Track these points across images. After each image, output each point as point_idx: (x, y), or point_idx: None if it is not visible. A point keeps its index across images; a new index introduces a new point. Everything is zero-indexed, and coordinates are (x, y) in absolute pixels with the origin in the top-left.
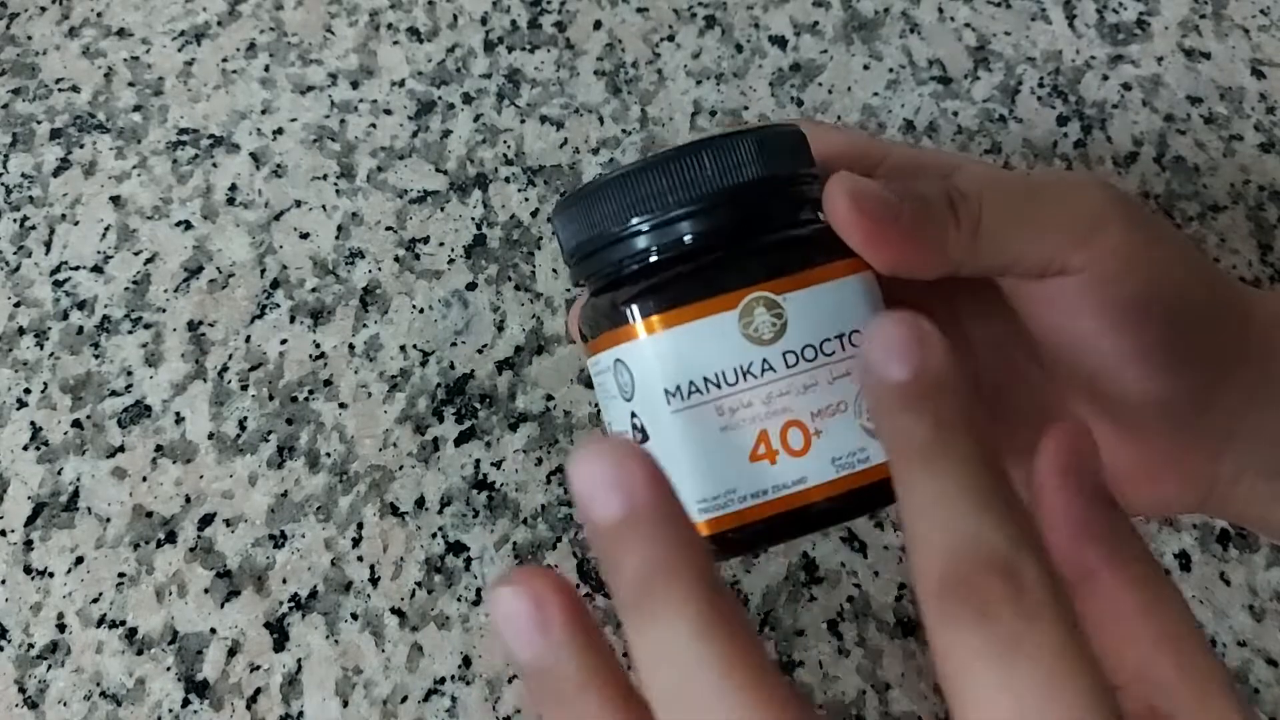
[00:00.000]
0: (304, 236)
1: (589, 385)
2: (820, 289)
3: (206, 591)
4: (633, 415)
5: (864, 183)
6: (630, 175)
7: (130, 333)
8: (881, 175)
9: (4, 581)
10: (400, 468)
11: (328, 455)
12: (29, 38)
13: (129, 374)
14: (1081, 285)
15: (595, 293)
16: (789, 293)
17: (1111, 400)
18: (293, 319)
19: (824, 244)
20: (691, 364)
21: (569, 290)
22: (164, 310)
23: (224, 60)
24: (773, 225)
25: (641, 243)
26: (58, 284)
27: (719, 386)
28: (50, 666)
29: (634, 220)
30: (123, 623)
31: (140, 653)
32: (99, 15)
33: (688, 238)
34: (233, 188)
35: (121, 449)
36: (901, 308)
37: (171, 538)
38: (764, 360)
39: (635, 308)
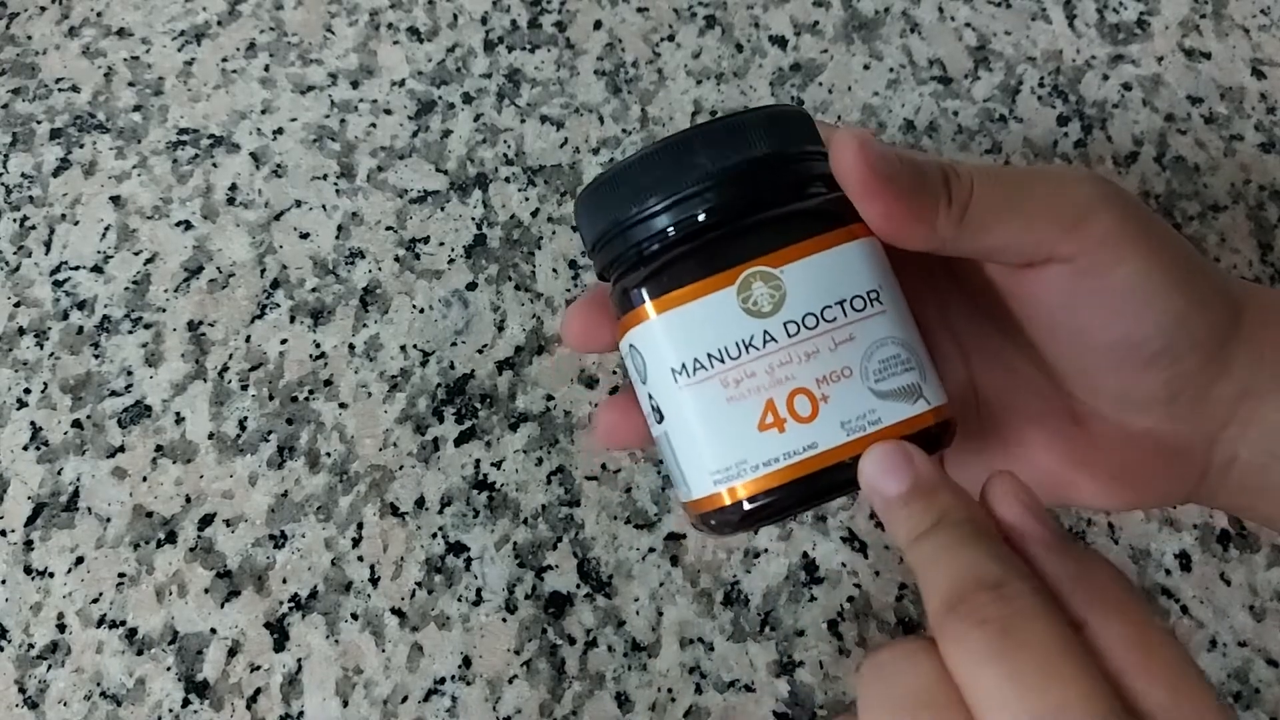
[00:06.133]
0: (304, 236)
1: (589, 385)
2: (818, 258)
3: (206, 591)
4: (650, 397)
5: (871, 136)
6: (629, 166)
7: (130, 333)
8: None
9: (4, 581)
10: (400, 468)
11: (328, 455)
12: (29, 38)
13: (129, 374)
14: (1074, 274)
15: (614, 282)
16: (786, 265)
17: (1108, 394)
18: (293, 319)
19: (820, 215)
20: (695, 341)
21: (569, 290)
22: (164, 310)
23: (224, 60)
24: (768, 202)
25: (644, 230)
26: (58, 284)
27: (723, 361)
28: (50, 666)
29: (634, 210)
30: (123, 623)
31: (140, 653)
32: (99, 15)
33: (685, 221)
34: (233, 187)
35: (121, 449)
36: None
37: (171, 538)
38: (765, 332)
39: (640, 291)
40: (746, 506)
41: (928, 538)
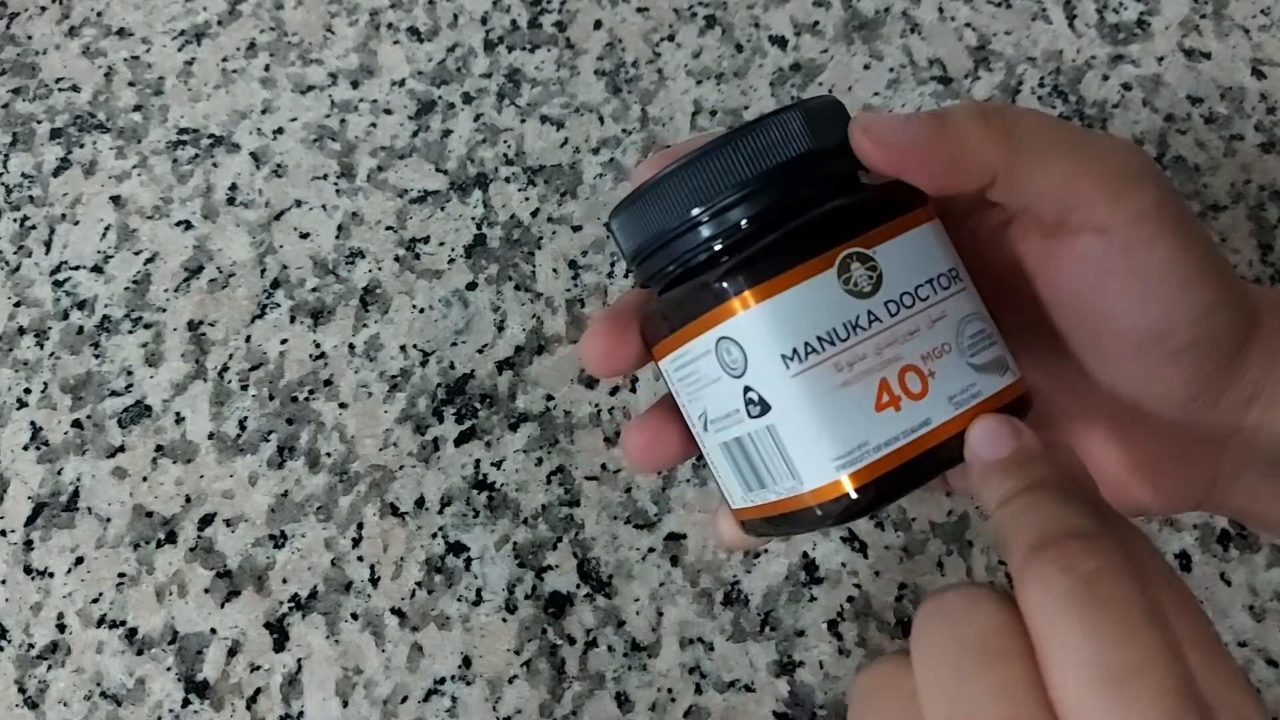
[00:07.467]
0: (304, 236)
1: (589, 385)
2: (904, 238)
3: (207, 591)
4: (746, 390)
5: (874, 115)
6: (698, 161)
7: (130, 333)
8: None
9: (4, 581)
10: (400, 468)
11: (328, 455)
12: (29, 37)
13: (129, 374)
14: (1107, 248)
15: (668, 287)
16: (878, 245)
17: (1125, 387)
18: (293, 319)
19: (896, 195)
20: (802, 327)
21: (569, 290)
22: (164, 310)
23: (224, 60)
24: (846, 186)
25: (727, 219)
26: (58, 284)
27: (833, 344)
28: (50, 666)
29: (715, 200)
30: (123, 623)
31: (140, 653)
32: (99, 15)
33: (770, 209)
34: (233, 187)
35: (122, 449)
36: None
37: (171, 538)
38: (869, 312)
39: (732, 283)
40: (868, 491)
41: (1019, 496)
